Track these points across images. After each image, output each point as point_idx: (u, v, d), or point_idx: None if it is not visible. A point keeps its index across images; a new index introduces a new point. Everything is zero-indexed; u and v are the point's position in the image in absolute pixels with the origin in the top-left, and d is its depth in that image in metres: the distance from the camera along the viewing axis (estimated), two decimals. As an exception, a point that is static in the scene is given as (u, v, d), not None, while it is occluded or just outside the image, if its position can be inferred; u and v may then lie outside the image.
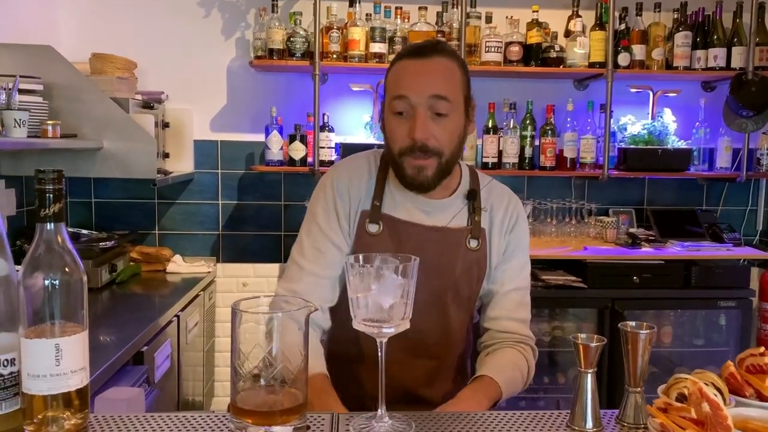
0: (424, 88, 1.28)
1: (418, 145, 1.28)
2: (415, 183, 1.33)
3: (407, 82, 1.29)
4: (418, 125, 1.27)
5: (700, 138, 3.26)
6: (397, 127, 1.31)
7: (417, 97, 1.28)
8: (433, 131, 1.29)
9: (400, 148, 1.31)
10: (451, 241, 1.40)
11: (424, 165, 1.31)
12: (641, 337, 0.87)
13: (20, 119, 2.15)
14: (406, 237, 1.38)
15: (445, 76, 1.31)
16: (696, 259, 2.92)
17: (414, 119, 1.28)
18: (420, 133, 1.27)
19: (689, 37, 3.11)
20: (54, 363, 0.79)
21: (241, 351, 0.82)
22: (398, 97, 1.29)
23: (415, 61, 1.31)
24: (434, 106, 1.28)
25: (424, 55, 1.32)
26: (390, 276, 0.80)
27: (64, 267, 0.81)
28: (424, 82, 1.29)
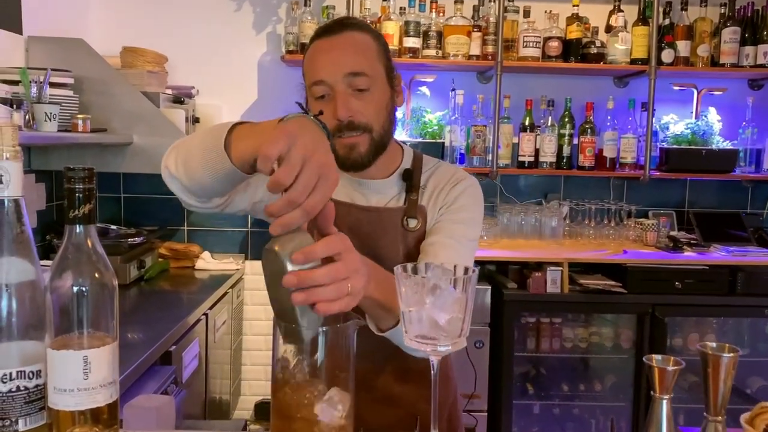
0: (338, 68, 1.22)
1: (344, 123, 1.23)
2: (349, 161, 1.27)
3: (320, 64, 1.24)
4: (339, 105, 1.21)
5: (746, 138, 3.12)
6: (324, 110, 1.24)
7: (332, 77, 1.22)
8: (357, 107, 1.23)
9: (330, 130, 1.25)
10: (388, 222, 1.32)
11: (355, 142, 1.25)
12: (724, 360, 0.79)
13: (51, 113, 2.12)
14: (340, 218, 1.25)
15: (357, 51, 1.25)
16: (741, 264, 2.80)
17: (335, 100, 1.22)
18: (342, 112, 1.22)
19: (737, 33, 2.98)
20: (82, 376, 0.73)
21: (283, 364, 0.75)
22: (316, 82, 1.24)
23: (324, 41, 1.26)
24: (353, 83, 1.23)
25: (332, 32, 1.27)
26: (447, 289, 0.73)
27: (93, 272, 0.75)
28: (337, 61, 1.23)
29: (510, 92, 3.03)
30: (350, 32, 1.27)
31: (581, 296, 2.74)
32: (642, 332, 2.78)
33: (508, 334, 2.75)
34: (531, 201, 3.23)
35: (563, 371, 2.98)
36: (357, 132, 1.24)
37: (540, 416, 2.94)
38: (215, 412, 2.78)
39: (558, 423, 2.96)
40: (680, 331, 2.93)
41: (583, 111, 3.05)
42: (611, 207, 3.10)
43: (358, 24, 1.30)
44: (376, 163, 1.31)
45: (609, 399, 2.92)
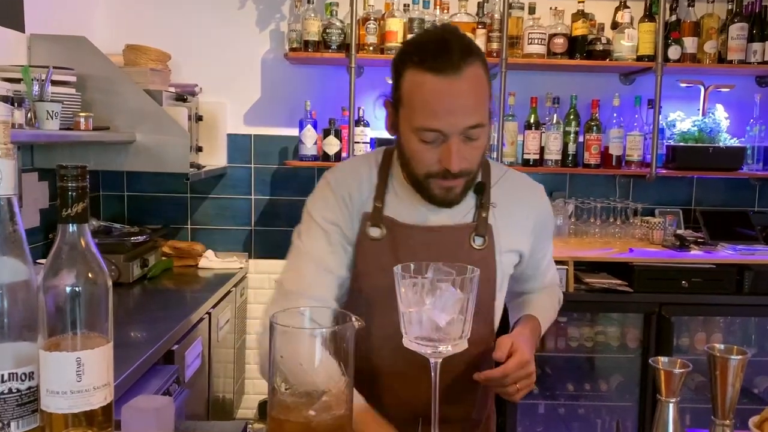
0: (460, 120, 1.13)
1: (450, 172, 1.16)
2: (443, 202, 1.23)
3: (439, 112, 1.13)
4: (454, 159, 1.14)
5: (754, 136, 3.09)
6: (426, 152, 1.17)
7: (451, 129, 1.13)
8: (467, 156, 1.17)
9: (428, 172, 1.19)
10: (452, 241, 1.28)
11: (454, 185, 1.20)
12: (732, 363, 0.77)
13: (53, 111, 2.11)
14: (402, 240, 1.27)
15: (478, 97, 1.15)
16: (749, 263, 2.76)
17: (448, 151, 1.14)
18: (456, 166, 1.15)
19: (745, 29, 2.94)
20: (75, 378, 0.71)
21: (280, 368, 0.74)
22: (430, 129, 1.14)
23: (443, 82, 1.12)
24: (468, 134, 1.15)
25: (450, 68, 1.12)
26: (447, 290, 0.71)
27: (87, 272, 0.74)
28: (459, 112, 1.13)
29: (515, 89, 3.00)
30: (470, 68, 1.13)
31: (587, 295, 2.71)
32: (648, 332, 2.75)
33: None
34: (536, 199, 3.20)
35: (569, 371, 2.95)
36: (459, 177, 1.19)
37: (545, 416, 2.92)
38: (219, 411, 2.78)
39: (563, 423, 2.94)
40: (687, 330, 2.91)
41: (589, 108, 3.03)
42: (617, 205, 3.07)
43: (472, 51, 1.16)
44: None
45: (615, 399, 2.90)
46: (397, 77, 1.20)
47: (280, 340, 0.72)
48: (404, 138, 1.20)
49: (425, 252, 1.24)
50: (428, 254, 1.23)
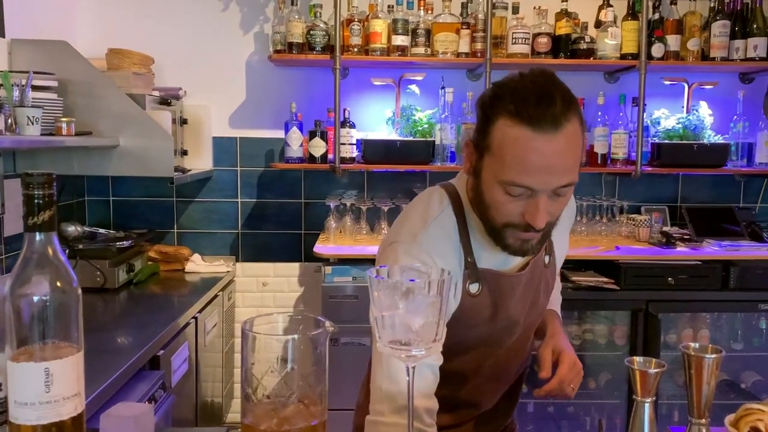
0: (554, 180, 1.05)
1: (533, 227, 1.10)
2: (520, 252, 1.16)
3: (532, 171, 1.04)
4: (541, 216, 1.07)
5: (738, 132, 3.11)
6: (509, 204, 1.10)
7: (543, 187, 1.06)
8: (551, 211, 1.10)
9: (509, 222, 1.12)
10: (536, 269, 1.29)
11: (532, 237, 1.14)
12: (707, 362, 0.77)
13: (33, 116, 2.09)
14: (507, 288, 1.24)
15: (575, 156, 1.07)
16: (734, 259, 2.78)
17: (535, 208, 1.07)
18: (542, 223, 1.08)
19: (727, 27, 2.96)
20: (44, 389, 0.71)
21: (253, 375, 0.73)
22: (520, 185, 1.06)
23: (541, 139, 1.03)
24: (558, 192, 1.08)
25: (553, 126, 1.03)
26: (420, 293, 0.71)
27: (55, 281, 0.73)
28: (555, 173, 1.05)
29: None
30: (569, 125, 1.04)
31: (574, 293, 2.72)
32: (636, 329, 2.76)
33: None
34: (523, 198, 3.20)
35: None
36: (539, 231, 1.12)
37: (535, 415, 2.92)
38: (207, 416, 2.76)
39: (553, 421, 2.94)
40: (674, 327, 2.92)
41: (574, 107, 3.03)
42: (603, 203, 3.08)
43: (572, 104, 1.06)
44: None
45: (604, 396, 2.90)
46: (485, 121, 1.10)
47: (252, 347, 0.71)
48: (487, 186, 1.12)
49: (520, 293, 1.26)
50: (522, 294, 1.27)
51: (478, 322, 1.24)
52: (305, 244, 3.19)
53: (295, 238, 3.22)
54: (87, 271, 2.55)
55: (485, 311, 1.23)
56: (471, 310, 1.21)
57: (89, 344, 1.98)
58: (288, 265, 3.22)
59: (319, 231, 3.04)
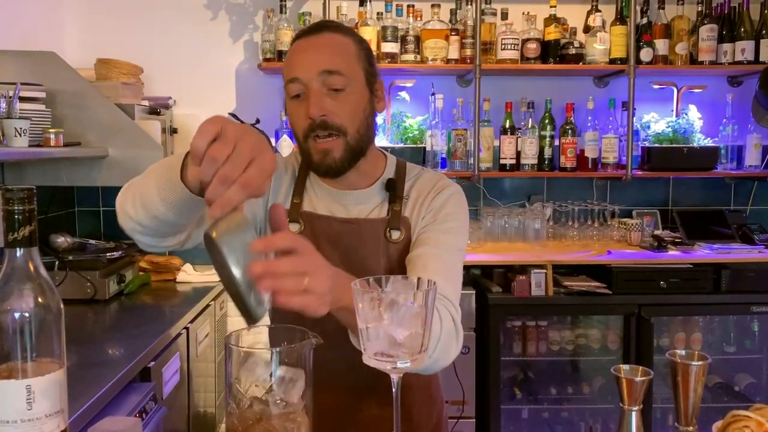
0: (313, 66, 1.19)
1: (316, 122, 1.19)
2: (323, 167, 1.23)
3: (296, 62, 1.21)
4: (312, 102, 1.17)
5: (727, 135, 3.12)
6: (296, 110, 1.22)
7: (306, 74, 1.18)
8: (330, 107, 1.19)
9: (302, 130, 1.22)
10: (369, 233, 1.29)
11: (329, 147, 1.21)
12: (693, 369, 0.76)
13: (21, 128, 2.08)
14: (320, 232, 1.29)
15: (334, 51, 1.22)
16: (726, 262, 2.78)
17: (308, 98, 1.19)
18: (314, 109, 1.18)
19: (715, 30, 2.98)
20: (25, 407, 0.69)
21: (238, 389, 0.73)
22: (291, 80, 1.20)
23: (303, 41, 1.24)
24: (328, 82, 1.19)
25: (312, 32, 1.24)
26: (405, 304, 0.70)
27: (36, 297, 0.72)
28: (313, 59, 1.20)
29: (489, 95, 3.01)
30: (330, 33, 1.24)
31: (566, 298, 2.72)
32: (628, 333, 2.76)
33: (494, 338, 2.72)
34: (514, 203, 3.21)
35: (551, 374, 2.96)
36: (331, 135, 1.20)
37: (529, 420, 2.92)
38: (200, 427, 2.74)
39: (548, 426, 2.93)
40: (667, 330, 2.92)
41: (564, 112, 3.04)
42: (594, 207, 3.09)
43: (339, 27, 1.28)
44: (357, 172, 1.27)
45: (598, 401, 2.90)
46: None
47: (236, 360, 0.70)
48: (286, 108, 1.26)
49: (343, 244, 1.27)
50: (346, 246, 1.27)
51: None
52: (297, 252, 3.17)
53: (287, 247, 3.20)
54: (77, 282, 2.53)
55: None
56: None
57: (79, 357, 1.97)
58: (280, 273, 3.20)
59: (311, 239, 3.03)
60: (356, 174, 1.28)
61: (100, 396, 1.66)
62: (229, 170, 0.78)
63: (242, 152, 0.79)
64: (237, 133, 0.81)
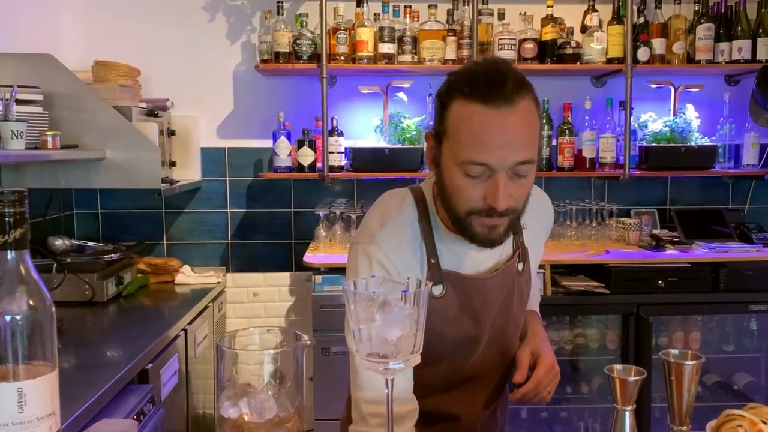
0: (510, 156, 1.05)
1: (495, 210, 1.09)
2: (487, 241, 1.15)
3: (489, 146, 1.05)
4: (501, 196, 1.06)
5: (725, 134, 3.12)
6: (470, 188, 1.09)
7: (501, 164, 1.06)
8: (513, 193, 1.09)
9: (471, 209, 1.11)
10: (509, 275, 1.27)
11: (496, 224, 1.12)
12: (687, 368, 0.76)
13: (18, 131, 2.08)
14: (474, 292, 1.24)
15: (530, 132, 1.08)
16: (724, 261, 2.78)
17: (495, 187, 1.07)
18: (503, 204, 1.07)
19: (711, 29, 2.98)
20: (17, 410, 0.69)
21: (228, 388, 0.72)
22: (477, 163, 1.06)
23: (495, 114, 1.04)
24: (517, 170, 1.08)
25: (506, 102, 1.04)
26: (397, 305, 0.70)
27: (28, 300, 0.72)
28: (511, 148, 1.05)
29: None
30: (523, 102, 1.06)
31: (565, 298, 2.72)
32: (627, 333, 2.76)
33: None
34: (512, 204, 3.20)
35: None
36: (502, 215, 1.11)
37: (528, 420, 2.92)
38: (199, 428, 2.74)
39: (547, 426, 2.93)
40: (665, 330, 2.92)
41: (561, 112, 3.04)
42: (592, 207, 3.08)
43: (524, 84, 1.08)
44: None
45: (596, 401, 2.90)
46: (442, 109, 1.12)
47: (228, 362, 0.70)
48: (447, 172, 1.12)
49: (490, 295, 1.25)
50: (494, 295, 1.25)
51: (442, 325, 1.21)
52: (295, 253, 3.18)
53: (285, 248, 3.21)
54: (75, 284, 2.53)
55: (450, 313, 1.21)
56: (435, 314, 1.17)
57: (77, 359, 1.97)
58: (278, 275, 3.21)
59: (309, 240, 3.04)
60: None
61: (98, 398, 1.66)
62: None
63: None
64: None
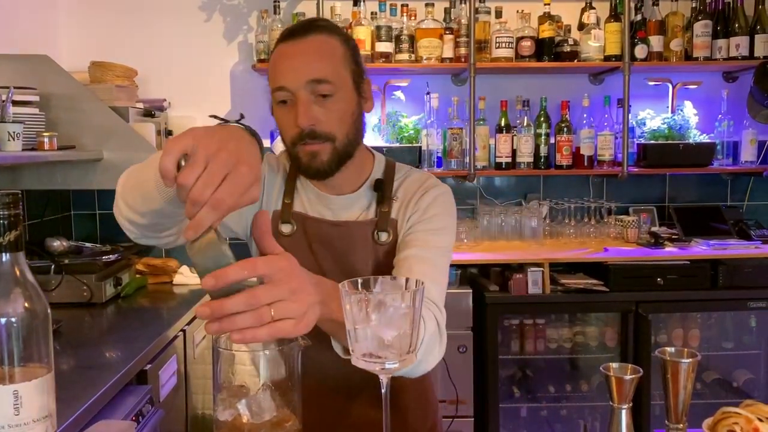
0: (300, 74, 1.18)
1: (305, 132, 1.18)
2: (311, 170, 1.23)
3: (282, 69, 1.20)
4: (300, 112, 1.17)
5: (723, 131, 3.12)
6: (284, 117, 1.21)
7: (294, 84, 1.18)
8: (318, 115, 1.18)
9: (291, 137, 1.21)
10: (358, 236, 1.29)
11: (317, 150, 1.20)
12: (683, 366, 0.76)
13: (14, 132, 2.08)
14: (312, 233, 1.29)
15: (321, 56, 1.20)
16: (723, 258, 2.78)
17: (296, 107, 1.18)
18: (303, 120, 1.17)
19: (709, 26, 2.97)
20: (12, 412, 0.69)
21: (224, 390, 0.72)
22: (277, 88, 1.20)
23: (288, 45, 1.21)
24: (316, 90, 1.18)
25: (297, 35, 1.22)
26: (393, 304, 0.70)
27: (23, 302, 0.72)
28: (300, 67, 1.18)
29: (485, 94, 3.01)
30: (316, 35, 1.21)
31: (563, 296, 2.72)
32: (626, 330, 2.76)
33: (491, 337, 2.72)
34: (510, 202, 3.21)
35: (549, 372, 2.96)
36: (319, 141, 1.19)
37: (528, 419, 2.92)
38: (199, 429, 2.74)
39: (547, 425, 2.93)
40: (665, 327, 2.92)
41: (559, 110, 3.04)
42: (591, 205, 3.08)
43: (325, 26, 1.24)
44: (344, 175, 1.27)
45: (596, 399, 2.90)
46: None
47: (224, 362, 0.70)
48: (273, 112, 1.25)
49: (334, 247, 1.27)
50: (337, 249, 1.27)
51: None
52: (294, 253, 3.17)
53: (283, 248, 3.20)
54: (73, 285, 2.52)
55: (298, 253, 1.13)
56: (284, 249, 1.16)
57: (75, 360, 1.97)
58: (277, 274, 3.20)
59: (308, 239, 3.03)
60: (344, 175, 1.27)
61: (96, 399, 1.66)
62: (198, 192, 0.75)
63: (213, 171, 0.75)
64: (208, 150, 0.76)
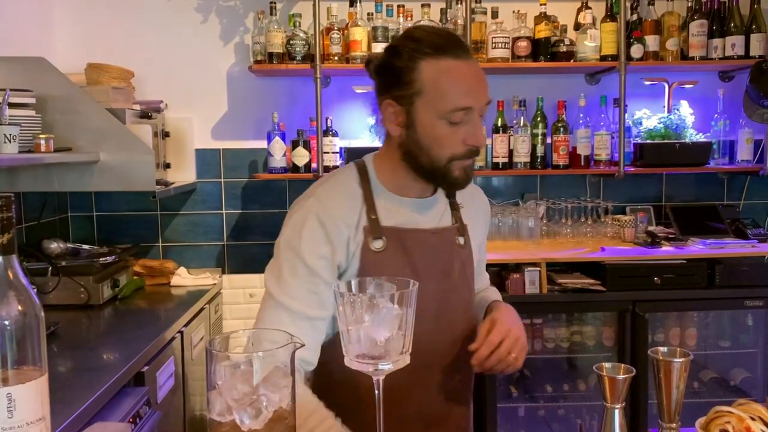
0: (483, 96, 1.23)
1: (473, 150, 1.24)
2: (463, 182, 1.29)
3: (469, 90, 1.21)
4: (480, 134, 1.23)
5: (719, 130, 3.13)
6: (453, 135, 1.22)
7: (479, 104, 1.22)
8: (483, 132, 1.26)
9: (453, 153, 1.24)
10: (448, 241, 1.36)
11: (471, 164, 1.28)
12: (675, 366, 0.76)
13: (11, 134, 2.08)
14: (413, 245, 1.30)
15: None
16: (720, 257, 2.79)
17: (474, 127, 1.22)
18: (483, 140, 1.25)
19: (705, 26, 2.98)
20: (6, 415, 0.69)
21: (218, 394, 0.72)
22: (462, 109, 1.20)
23: (462, 64, 1.22)
24: (483, 111, 1.25)
25: (467, 53, 1.24)
26: (385, 305, 0.70)
27: (16, 305, 0.72)
28: (482, 89, 1.23)
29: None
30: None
31: (561, 296, 2.73)
32: (623, 329, 2.76)
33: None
34: (508, 202, 3.21)
35: (547, 372, 2.96)
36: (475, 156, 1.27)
37: (525, 418, 2.92)
38: (196, 429, 2.74)
39: (545, 424, 2.94)
40: (662, 326, 2.93)
41: (556, 110, 3.04)
42: (588, 204, 3.09)
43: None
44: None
45: (594, 398, 2.90)
46: (404, 73, 1.22)
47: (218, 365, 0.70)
48: (426, 128, 1.23)
49: (432, 253, 1.31)
50: (435, 255, 1.31)
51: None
52: (291, 254, 3.17)
53: (281, 249, 3.20)
54: (70, 287, 2.53)
55: (391, 268, 1.24)
56: (375, 266, 1.23)
57: (72, 362, 1.97)
58: (275, 275, 3.20)
59: (305, 240, 3.03)
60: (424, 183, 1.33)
61: (93, 401, 1.66)
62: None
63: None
64: None
